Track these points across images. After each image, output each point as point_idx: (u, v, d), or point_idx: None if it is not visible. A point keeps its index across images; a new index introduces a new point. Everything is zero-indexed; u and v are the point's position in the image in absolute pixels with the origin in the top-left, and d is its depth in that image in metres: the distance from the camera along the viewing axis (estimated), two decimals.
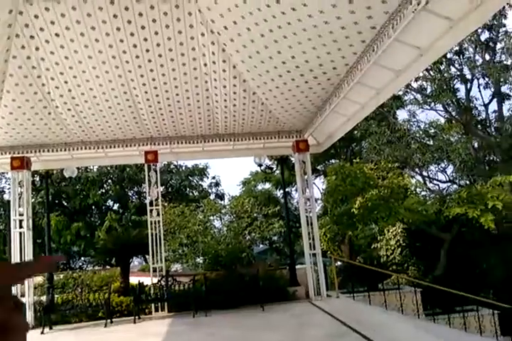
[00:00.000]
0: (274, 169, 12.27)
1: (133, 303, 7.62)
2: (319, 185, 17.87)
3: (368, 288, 9.54)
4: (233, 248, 10.07)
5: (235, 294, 7.66)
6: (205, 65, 5.87)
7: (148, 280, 8.19)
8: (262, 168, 10.60)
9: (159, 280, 7.87)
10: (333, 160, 17.23)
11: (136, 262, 16.43)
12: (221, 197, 20.31)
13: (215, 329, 6.58)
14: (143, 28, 5.04)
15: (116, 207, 19.34)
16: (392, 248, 12.42)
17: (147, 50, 5.42)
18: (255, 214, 15.96)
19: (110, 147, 8.04)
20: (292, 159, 10.88)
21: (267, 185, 19.68)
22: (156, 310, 7.90)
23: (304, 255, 8.54)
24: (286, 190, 14.91)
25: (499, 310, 9.98)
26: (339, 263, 11.84)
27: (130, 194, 19.68)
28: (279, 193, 18.92)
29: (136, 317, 7.41)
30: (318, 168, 17.28)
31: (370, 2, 3.96)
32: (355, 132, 15.02)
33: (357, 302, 9.05)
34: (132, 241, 9.05)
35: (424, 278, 11.30)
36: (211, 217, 14.69)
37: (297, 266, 9.28)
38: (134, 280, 8.61)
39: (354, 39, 4.66)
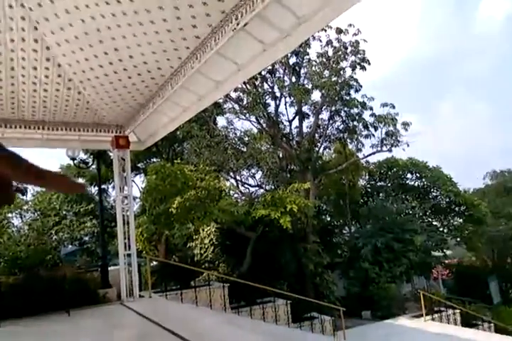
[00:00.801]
0: (90, 164, 11.46)
1: None
2: (138, 184, 17.56)
3: (180, 286, 9.81)
4: (36, 249, 8.98)
5: (36, 300, 6.88)
6: (12, 40, 5.16)
7: None
8: (76, 161, 9.79)
9: None
10: (154, 159, 17.18)
11: None
12: (22, 191, 17.79)
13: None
14: None
15: None
16: (206, 246, 13.08)
17: None
18: (64, 212, 14.58)
19: None
20: (110, 154, 10.42)
21: (81, 181, 18.21)
22: None
23: (118, 256, 8.25)
24: (102, 187, 14.14)
25: (291, 300, 11.53)
26: (155, 263, 11.85)
27: None
28: (94, 190, 17.77)
29: None
30: (139, 165, 16.96)
31: (195, 11, 4.19)
32: (178, 133, 15.34)
33: (169, 300, 9.21)
34: None
35: (232, 274, 12.23)
36: (9, 214, 12.76)
37: (110, 268, 8.89)
38: None
39: (179, 44, 4.84)
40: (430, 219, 24.46)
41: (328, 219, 23.19)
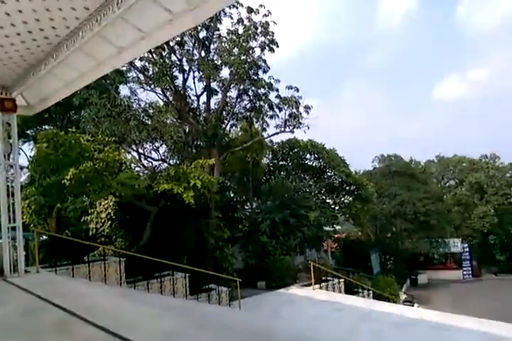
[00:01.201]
0: None
1: None
2: (27, 152, 16.08)
3: (72, 262, 9.40)
4: None
5: None
6: None
7: None
8: None
9: None
10: (46, 126, 15.79)
11: None
12: None
13: None
14: None
15: None
16: (103, 221, 12.59)
17: None
18: None
19: None
20: None
21: None
22: None
23: (0, 229, 7.61)
24: None
25: (190, 273, 11.74)
26: (45, 237, 11.12)
27: None
28: None
29: None
30: (28, 132, 15.48)
31: None
32: (74, 99, 14.24)
33: (59, 276, 8.81)
34: None
35: (130, 249, 12.01)
36: None
37: None
38: None
39: (78, 3, 4.49)
40: (324, 197, 26.43)
41: (232, 195, 23.76)
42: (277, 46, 16.78)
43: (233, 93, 17.86)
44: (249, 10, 16.21)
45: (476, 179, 39.49)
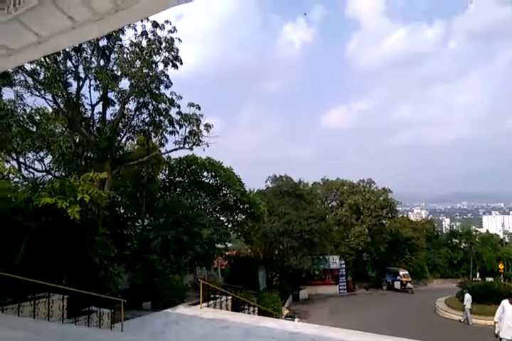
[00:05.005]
0: None
1: None
2: None
3: None
4: None
5: None
6: None
7: None
8: None
9: None
10: None
11: None
12: None
13: None
14: None
15: None
16: None
17: None
18: None
19: None
20: None
21: None
22: None
23: None
24: None
25: (69, 294, 10.90)
26: None
27: None
28: None
29: None
30: None
31: None
32: None
33: None
34: None
35: (1, 268, 10.75)
36: None
37: None
38: None
39: None
40: (218, 215, 26.74)
41: (122, 211, 22.70)
42: (181, 63, 16.88)
43: (132, 105, 17.36)
44: (155, 24, 16.13)
45: (354, 201, 43.55)
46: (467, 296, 23.39)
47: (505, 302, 11.28)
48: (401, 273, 40.40)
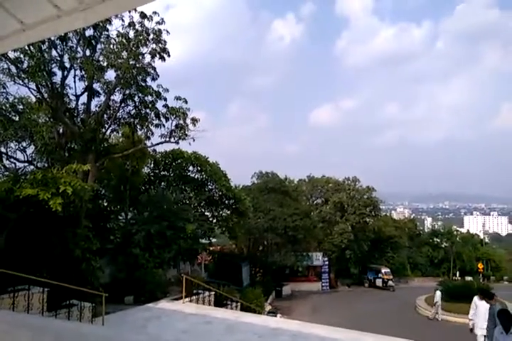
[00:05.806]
0: None
1: None
2: None
3: None
4: None
5: None
6: None
7: None
8: None
9: None
10: None
11: None
12: None
13: None
14: None
15: None
16: None
17: None
18: None
19: None
20: None
21: None
22: None
23: None
24: None
25: (49, 287, 10.74)
26: None
27: None
28: None
29: None
30: None
31: None
32: None
33: None
34: None
35: None
36: None
37: None
38: None
39: None
40: (203, 210, 26.64)
41: (106, 204, 22.43)
42: (169, 55, 16.67)
43: (117, 97, 17.10)
44: (143, 15, 15.89)
45: (339, 199, 43.91)
46: (438, 293, 23.97)
47: (476, 298, 11.51)
48: (383, 270, 40.98)
